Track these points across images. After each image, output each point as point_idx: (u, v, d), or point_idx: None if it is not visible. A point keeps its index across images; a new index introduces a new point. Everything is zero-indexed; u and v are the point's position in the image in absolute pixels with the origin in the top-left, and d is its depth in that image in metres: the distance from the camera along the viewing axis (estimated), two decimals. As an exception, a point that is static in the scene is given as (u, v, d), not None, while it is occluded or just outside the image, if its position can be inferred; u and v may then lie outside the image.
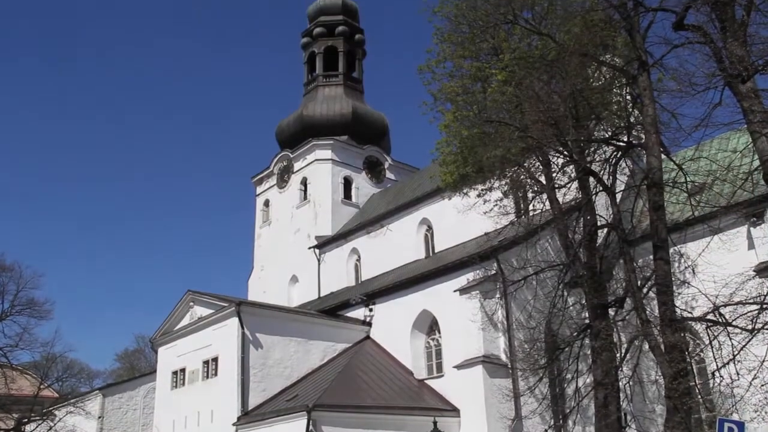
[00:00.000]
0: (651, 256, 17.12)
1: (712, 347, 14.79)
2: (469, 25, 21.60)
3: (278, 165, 44.40)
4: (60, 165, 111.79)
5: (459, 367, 23.95)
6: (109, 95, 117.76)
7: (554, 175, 20.35)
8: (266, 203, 44.96)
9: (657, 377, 17.93)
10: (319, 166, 41.53)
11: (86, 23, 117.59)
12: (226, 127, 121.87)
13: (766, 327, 13.87)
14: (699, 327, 18.20)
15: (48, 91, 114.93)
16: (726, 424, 12.68)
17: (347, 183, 41.92)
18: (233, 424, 25.50)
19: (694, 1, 14.57)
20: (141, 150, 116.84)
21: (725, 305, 14.63)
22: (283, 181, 43.77)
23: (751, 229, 21.07)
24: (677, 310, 16.22)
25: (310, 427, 22.17)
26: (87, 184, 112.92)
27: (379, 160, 43.91)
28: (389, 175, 43.91)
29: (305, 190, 42.00)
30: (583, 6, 18.94)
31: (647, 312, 16.77)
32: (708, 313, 15.02)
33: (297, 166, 42.88)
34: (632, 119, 19.53)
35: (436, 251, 32.78)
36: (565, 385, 21.72)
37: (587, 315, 19.86)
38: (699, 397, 17.24)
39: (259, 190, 45.77)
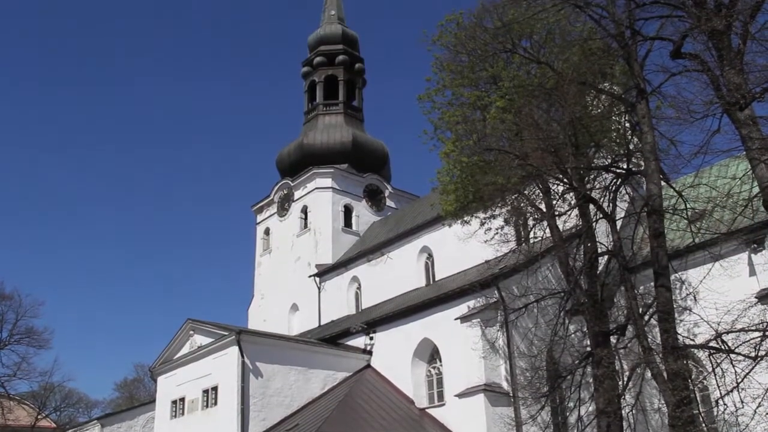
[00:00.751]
0: (652, 283, 17.08)
1: (715, 375, 14.68)
2: (468, 54, 21.79)
3: (279, 193, 44.49)
4: (60, 192, 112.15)
5: (460, 395, 23.77)
6: (109, 122, 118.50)
7: (554, 202, 20.39)
8: (267, 231, 44.99)
9: (660, 405, 17.80)
10: (320, 195, 41.62)
11: (92, 53, 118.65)
12: (227, 156, 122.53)
13: (769, 354, 13.79)
14: (701, 354, 18.07)
15: (47, 115, 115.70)
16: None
17: (347, 211, 41.99)
18: (233, 455, 25.27)
19: (691, 30, 14.72)
20: (141, 178, 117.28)
21: (728, 332, 14.54)
22: (283, 210, 43.83)
23: (752, 255, 21.06)
24: (679, 337, 16.15)
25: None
26: (87, 211, 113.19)
27: (379, 188, 44.02)
28: (389, 203, 43.99)
29: (306, 219, 42.04)
30: (581, 35, 19.13)
31: (649, 339, 16.70)
32: (710, 340, 14.93)
33: (297, 194, 42.97)
34: (631, 146, 19.62)
35: (436, 279, 32.73)
36: (568, 413, 21.54)
37: (589, 343, 19.78)
38: (703, 425, 17.04)
39: (259, 218, 45.82)
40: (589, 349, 19.45)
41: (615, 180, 19.45)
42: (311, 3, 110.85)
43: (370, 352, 29.26)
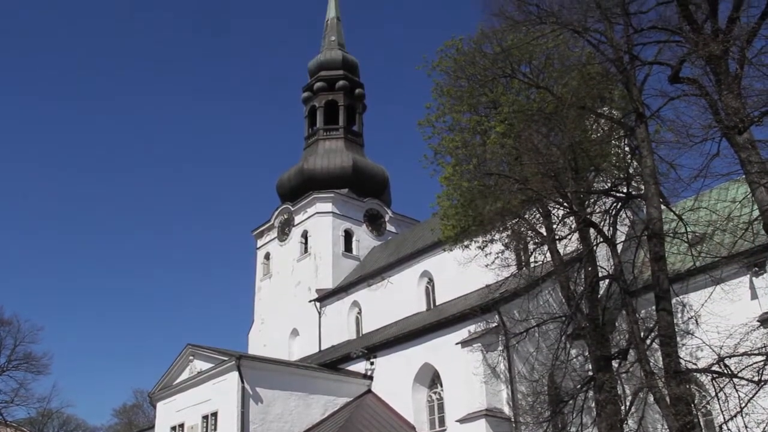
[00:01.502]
0: (653, 307, 17.05)
1: (718, 399, 14.62)
2: (468, 79, 21.92)
3: (279, 218, 44.52)
4: (59, 217, 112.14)
5: (462, 421, 23.60)
6: (109, 145, 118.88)
7: (555, 226, 20.41)
8: (267, 256, 44.96)
9: (663, 430, 17.65)
10: (320, 219, 41.65)
11: (97, 74, 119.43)
12: (227, 181, 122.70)
13: (772, 379, 13.72)
14: (704, 379, 17.98)
15: (49, 143, 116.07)
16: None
17: (348, 236, 41.99)
18: (232, 482, 25.03)
19: (689, 54, 14.87)
20: (141, 201, 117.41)
21: (730, 356, 14.51)
22: (283, 234, 43.84)
23: (754, 279, 21.02)
24: (681, 361, 16.08)
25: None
26: (86, 236, 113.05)
27: (379, 213, 44.07)
28: (390, 227, 44.00)
29: (306, 243, 42.05)
30: (580, 60, 19.28)
31: (651, 363, 16.63)
32: (713, 364, 14.89)
33: (298, 219, 43.00)
34: (631, 170, 19.68)
35: (437, 304, 32.65)
36: (570, 439, 21.40)
37: (590, 367, 19.68)
38: (707, 451, 16.98)
39: (259, 243, 45.81)
40: (590, 373, 19.35)
41: (615, 204, 19.49)
42: (312, 28, 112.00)
43: (370, 377, 29.11)
